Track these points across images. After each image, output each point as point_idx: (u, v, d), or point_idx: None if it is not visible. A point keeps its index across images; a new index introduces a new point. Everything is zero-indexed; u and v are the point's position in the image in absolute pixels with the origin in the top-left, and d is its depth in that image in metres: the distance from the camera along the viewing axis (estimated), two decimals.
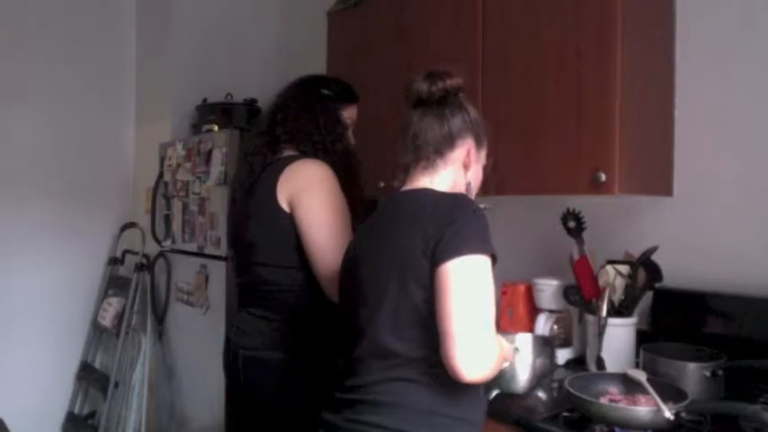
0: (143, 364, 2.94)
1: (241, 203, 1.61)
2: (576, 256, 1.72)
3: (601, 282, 1.68)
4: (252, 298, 1.59)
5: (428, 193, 1.21)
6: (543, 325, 1.84)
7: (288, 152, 1.59)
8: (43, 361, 3.04)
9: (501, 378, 1.29)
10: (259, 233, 1.55)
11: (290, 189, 1.50)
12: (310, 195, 1.49)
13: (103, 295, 3.17)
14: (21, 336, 3.01)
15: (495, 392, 1.38)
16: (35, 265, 3.04)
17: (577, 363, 1.78)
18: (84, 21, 3.13)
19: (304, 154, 1.57)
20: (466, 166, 1.28)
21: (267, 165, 1.57)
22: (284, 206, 1.50)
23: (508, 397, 1.42)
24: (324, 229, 1.47)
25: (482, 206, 1.21)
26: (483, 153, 1.32)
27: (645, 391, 1.29)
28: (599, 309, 1.61)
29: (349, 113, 1.72)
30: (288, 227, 1.49)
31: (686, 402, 1.22)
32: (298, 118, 1.60)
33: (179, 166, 2.76)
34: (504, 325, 1.91)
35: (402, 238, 1.13)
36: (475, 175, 1.31)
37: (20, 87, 2.99)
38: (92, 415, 3.12)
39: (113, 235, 3.28)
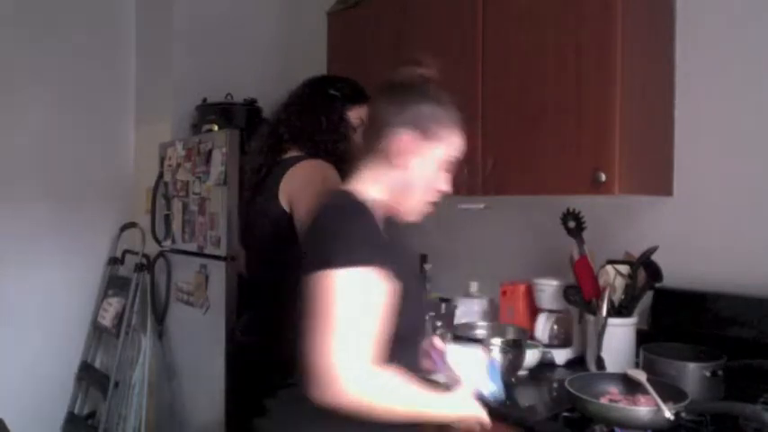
0: (143, 364, 2.94)
1: (248, 204, 1.62)
2: (576, 256, 1.72)
3: (601, 282, 1.68)
4: (255, 297, 1.60)
5: (337, 195, 1.13)
6: (543, 325, 1.84)
7: (292, 152, 1.59)
8: (43, 361, 3.04)
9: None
10: (262, 233, 1.56)
11: (291, 189, 1.50)
12: (309, 195, 1.48)
13: (103, 295, 3.17)
14: (21, 336, 3.01)
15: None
16: (35, 265, 3.04)
17: (577, 363, 1.78)
18: (84, 20, 3.13)
19: (308, 154, 1.57)
20: (399, 162, 1.11)
21: (273, 165, 1.57)
22: (285, 206, 1.50)
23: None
24: None
25: (481, 206, 1.21)
26: (439, 150, 1.14)
27: (645, 391, 1.29)
28: (599, 309, 1.61)
29: (357, 114, 1.70)
30: (288, 227, 1.50)
31: (686, 402, 1.22)
32: (301, 117, 1.60)
33: (179, 166, 2.76)
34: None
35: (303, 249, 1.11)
36: (422, 174, 1.13)
37: (20, 88, 2.99)
38: (92, 415, 3.12)
39: (113, 235, 3.28)
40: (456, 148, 1.17)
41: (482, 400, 1.14)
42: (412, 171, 1.12)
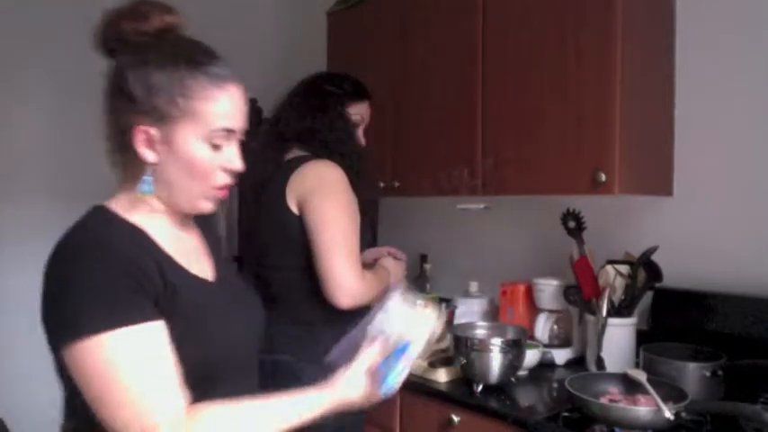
0: None
1: (252, 205, 1.60)
2: (576, 256, 1.72)
3: (601, 282, 1.68)
4: (264, 300, 1.59)
5: (77, 227, 0.88)
6: (543, 325, 1.84)
7: (296, 152, 1.57)
8: (43, 361, 3.04)
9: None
10: (269, 236, 1.54)
11: (300, 191, 1.48)
12: (320, 197, 1.46)
13: None
14: (21, 335, 3.01)
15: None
16: (35, 265, 3.03)
17: (577, 363, 1.78)
18: (85, 20, 3.13)
19: (314, 154, 1.55)
20: (147, 158, 0.88)
21: (277, 165, 1.55)
22: (293, 208, 1.48)
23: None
24: (332, 231, 1.44)
25: (481, 206, 1.13)
26: (194, 127, 0.87)
27: (645, 391, 1.29)
28: (599, 309, 1.61)
29: (358, 110, 1.66)
30: (296, 229, 1.47)
31: (686, 402, 1.22)
32: (303, 116, 1.58)
33: None
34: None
35: None
36: (180, 164, 0.88)
37: (20, 88, 2.99)
38: None
39: None
40: (221, 116, 0.88)
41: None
42: (164, 165, 0.88)
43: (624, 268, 1.67)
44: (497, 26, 1.82)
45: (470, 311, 2.08)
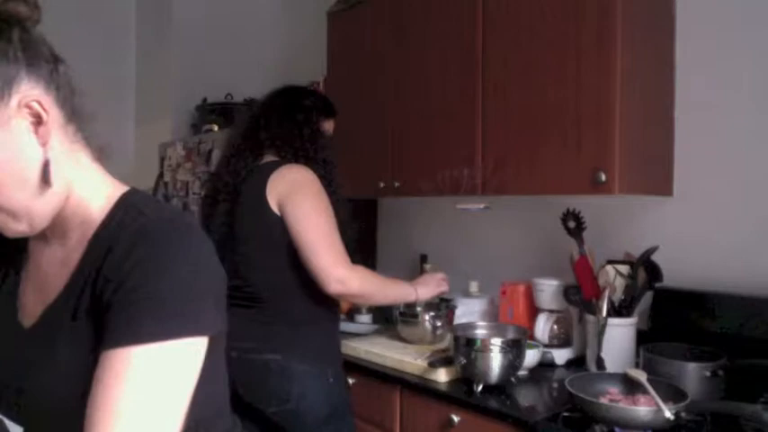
0: None
1: (225, 205, 1.62)
2: (576, 256, 1.72)
3: (601, 282, 1.68)
4: (247, 300, 1.60)
5: None
6: (543, 325, 1.84)
7: (269, 157, 1.62)
8: None
9: None
10: (249, 236, 1.57)
11: (280, 192, 1.53)
12: (301, 198, 1.52)
13: None
14: None
15: None
16: None
17: (577, 363, 1.78)
18: (84, 21, 3.13)
19: (286, 160, 1.60)
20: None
21: (251, 169, 1.60)
22: (275, 209, 1.53)
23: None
24: (316, 228, 1.51)
25: (481, 206, 1.13)
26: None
27: (645, 391, 1.29)
28: (599, 309, 1.61)
29: (328, 126, 1.77)
30: (278, 229, 1.52)
31: (686, 402, 1.22)
32: (281, 125, 1.64)
33: (179, 166, 2.76)
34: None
35: None
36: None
37: None
38: None
39: None
40: None
41: None
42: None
43: (624, 268, 1.67)
44: (497, 25, 1.82)
45: (470, 311, 2.08)
